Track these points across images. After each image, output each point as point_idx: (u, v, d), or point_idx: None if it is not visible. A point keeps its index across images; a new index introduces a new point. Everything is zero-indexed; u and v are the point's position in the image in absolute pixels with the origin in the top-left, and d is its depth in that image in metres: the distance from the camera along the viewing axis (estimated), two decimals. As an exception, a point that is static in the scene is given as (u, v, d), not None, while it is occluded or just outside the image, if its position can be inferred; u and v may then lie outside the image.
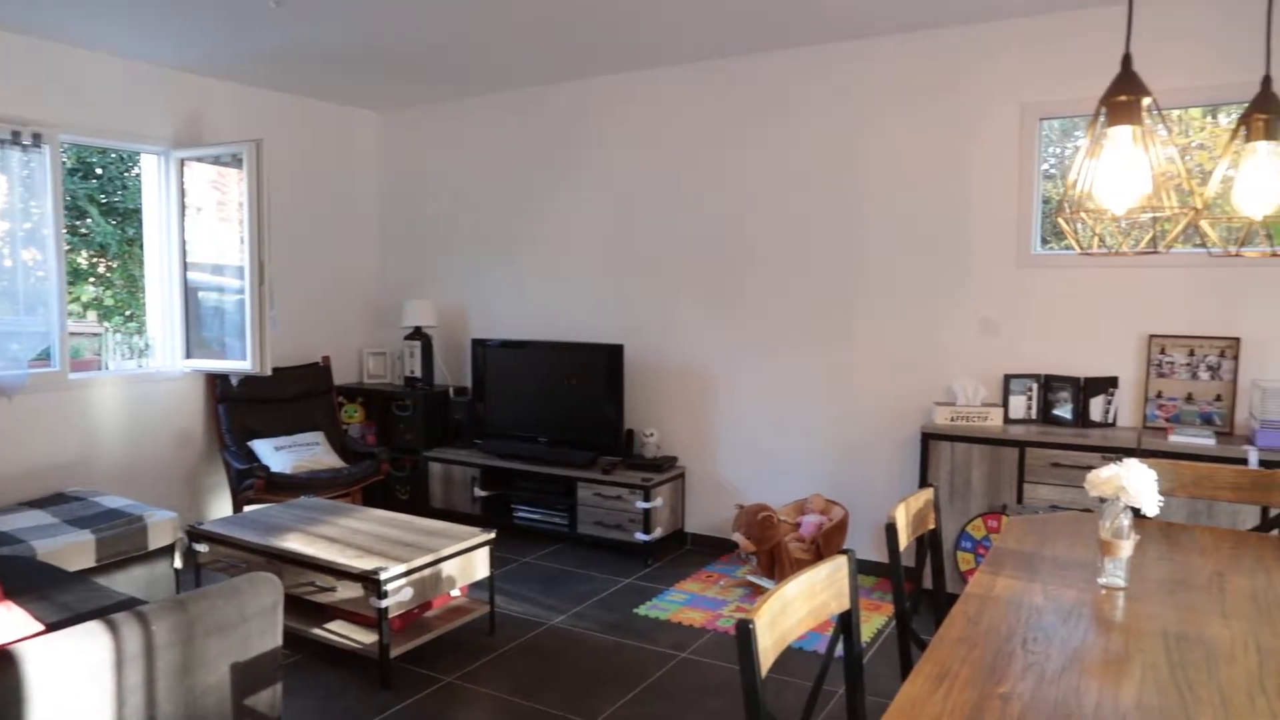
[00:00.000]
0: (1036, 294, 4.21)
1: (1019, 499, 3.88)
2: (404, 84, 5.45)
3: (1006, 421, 4.13)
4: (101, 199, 6.09)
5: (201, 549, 3.86)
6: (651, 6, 4.01)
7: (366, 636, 3.46)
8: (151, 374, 5.03)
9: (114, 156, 5.98)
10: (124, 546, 3.81)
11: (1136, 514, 2.09)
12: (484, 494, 5.32)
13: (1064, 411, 4.08)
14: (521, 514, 5.28)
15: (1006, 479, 3.90)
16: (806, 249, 4.73)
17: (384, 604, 3.26)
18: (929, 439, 4.06)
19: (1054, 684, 1.58)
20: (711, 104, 4.94)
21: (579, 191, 5.43)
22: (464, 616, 3.75)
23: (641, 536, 4.79)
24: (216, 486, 5.28)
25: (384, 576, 3.25)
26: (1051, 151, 4.32)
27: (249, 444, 5.05)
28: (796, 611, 1.65)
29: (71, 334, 5.05)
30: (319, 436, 5.36)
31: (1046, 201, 4.28)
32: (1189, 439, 3.67)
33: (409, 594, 3.37)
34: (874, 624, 4.00)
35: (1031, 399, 4.16)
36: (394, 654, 3.37)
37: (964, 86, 4.30)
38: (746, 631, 1.43)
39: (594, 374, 5.12)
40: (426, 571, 3.46)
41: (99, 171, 6.08)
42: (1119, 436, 3.83)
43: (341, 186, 6.05)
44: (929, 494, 2.44)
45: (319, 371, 5.67)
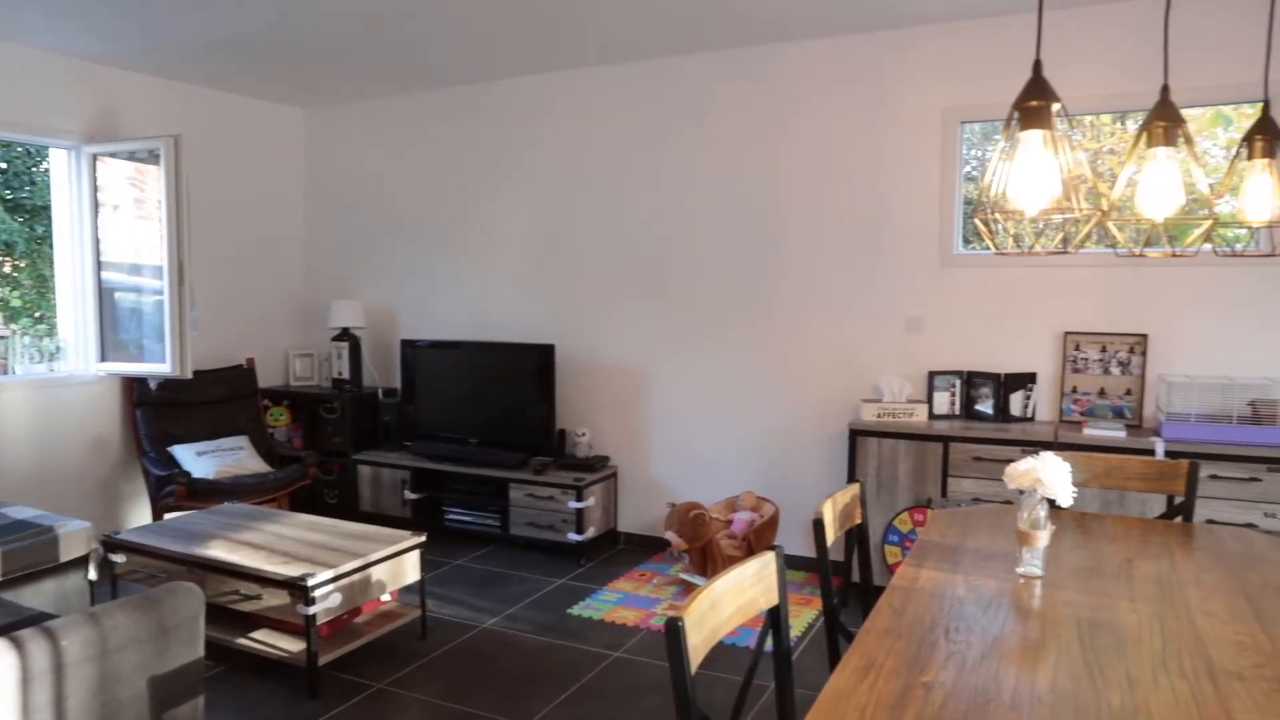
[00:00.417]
0: (959, 293, 4.33)
1: (943, 493, 3.98)
2: (330, 80, 5.34)
3: (931, 417, 4.23)
4: (7, 195, 5.83)
5: (118, 560, 3.73)
6: (581, 8, 4.01)
7: (293, 645, 3.39)
8: (63, 378, 4.84)
9: (20, 150, 5.74)
10: (33, 559, 3.65)
11: (1053, 505, 2.17)
12: (414, 497, 5.25)
13: (986, 407, 4.20)
14: (453, 516, 5.23)
15: (931, 473, 4.00)
16: (736, 249, 4.78)
17: (311, 611, 3.19)
18: (857, 435, 4.14)
19: (974, 671, 1.62)
20: (641, 104, 4.95)
21: (509, 191, 5.39)
22: (395, 621, 3.69)
23: (574, 536, 4.78)
24: (135, 494, 5.11)
25: (311, 583, 3.19)
26: (973, 154, 4.44)
27: (169, 449, 4.90)
28: (726, 608, 1.67)
29: (-25, 337, 4.83)
30: (243, 441, 5.22)
31: (968, 202, 4.39)
32: (1101, 432, 3.82)
33: (337, 600, 3.31)
34: (805, 618, 4.06)
35: (955, 395, 4.27)
36: (322, 662, 3.30)
37: (887, 90, 4.39)
38: (676, 629, 1.44)
39: (525, 374, 5.09)
40: (355, 577, 3.40)
41: (3, 166, 5.82)
42: (1037, 430, 3.95)
43: (266, 184, 5.90)
44: (855, 489, 2.48)
45: (243, 374, 5.53)
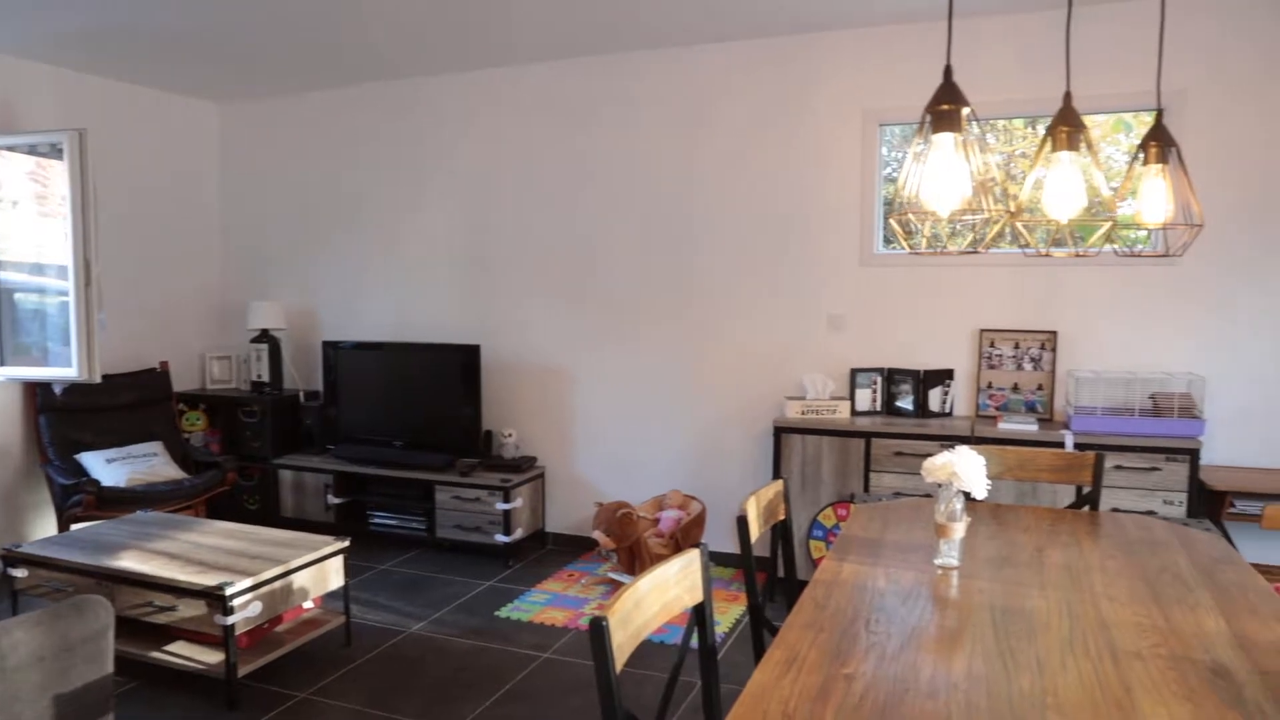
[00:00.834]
0: (879, 292, 4.43)
1: (866, 488, 4.06)
2: (245, 74, 5.20)
3: (854, 414, 4.32)
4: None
5: (19, 574, 3.57)
6: (502, 7, 3.98)
7: (211, 656, 3.29)
8: (-40, 384, 4.61)
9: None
10: (-70, 573, 3.48)
11: (969, 498, 2.23)
12: (338, 501, 5.15)
13: (906, 403, 4.30)
14: (378, 520, 5.14)
15: (854, 469, 4.08)
16: (661, 248, 4.80)
17: (230, 621, 3.11)
18: (781, 433, 4.20)
19: (894, 661, 1.66)
20: (564, 103, 4.94)
21: (432, 190, 5.32)
22: (318, 629, 3.61)
23: (502, 538, 4.75)
24: (39, 505, 4.89)
25: (229, 592, 3.10)
26: (894, 155, 4.54)
27: (76, 457, 4.71)
28: (650, 606, 1.67)
29: None
30: (157, 447, 5.05)
31: (888, 203, 4.49)
32: (1015, 426, 3.95)
33: (257, 609, 3.22)
34: (733, 614, 4.10)
35: (876, 392, 4.36)
36: (242, 673, 3.21)
37: (808, 92, 4.46)
38: (600, 629, 1.44)
39: (450, 375, 5.03)
40: (276, 584, 3.32)
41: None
42: (955, 425, 4.07)
43: (179, 180, 5.71)
44: (779, 486, 2.52)
45: (156, 377, 5.34)
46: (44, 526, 4.91)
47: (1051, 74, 4.03)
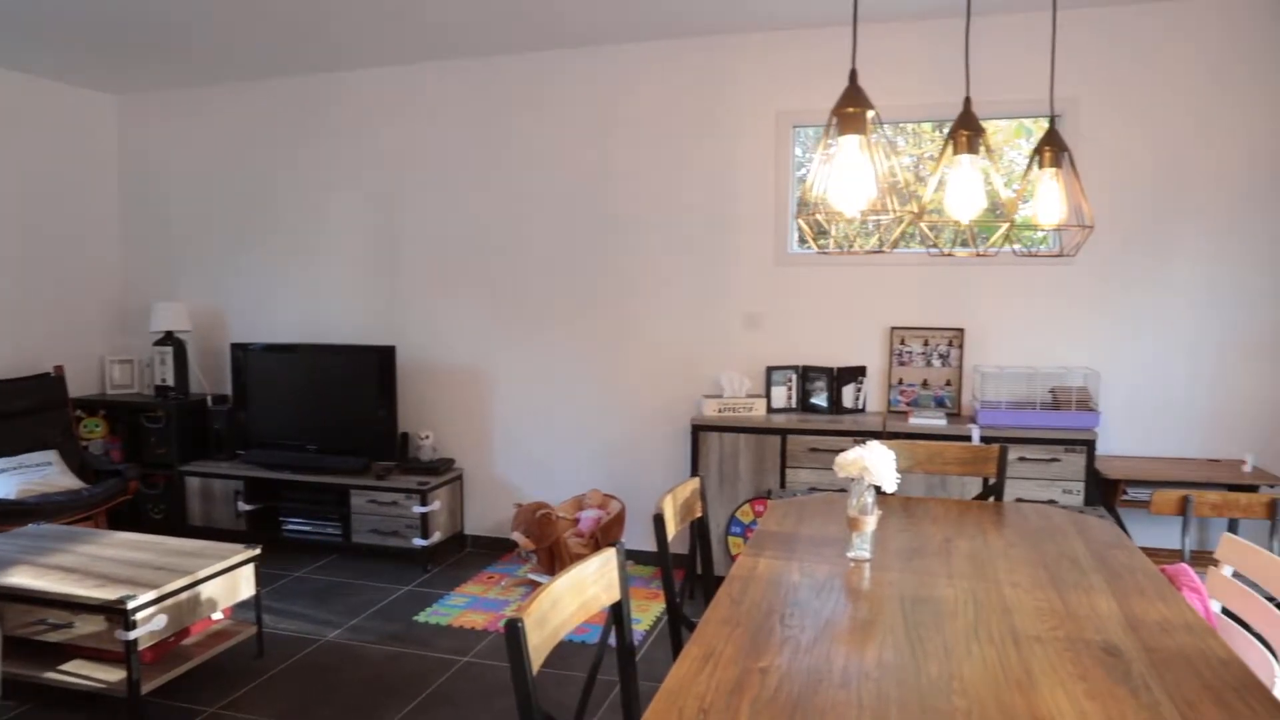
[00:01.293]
0: (793, 290, 4.51)
1: (782, 483, 4.13)
2: (145, 66, 5.00)
3: (770, 411, 4.38)
4: None
5: (-97, 591, 3.36)
6: (413, 2, 3.92)
7: (112, 674, 3.16)
8: None
9: None
10: None
11: (880, 491, 2.29)
12: (249, 508, 5.00)
13: (820, 400, 4.39)
14: (291, 526, 5.01)
15: (771, 465, 4.15)
16: (577, 248, 4.80)
17: (132, 636, 2.99)
18: (699, 430, 4.24)
19: (808, 653, 1.70)
20: (478, 101, 4.89)
21: (343, 187, 5.21)
22: (228, 640, 3.50)
23: (420, 542, 4.68)
24: (-77, 518, 4.63)
25: (131, 605, 2.98)
26: (808, 157, 4.63)
27: (-37, 468, 4.47)
28: (567, 606, 1.67)
29: None
30: (51, 456, 4.82)
31: (802, 204, 4.57)
32: (925, 421, 4.06)
33: (162, 622, 3.11)
34: (653, 612, 4.12)
35: (791, 389, 4.44)
36: (146, 690, 3.09)
37: (724, 93, 4.51)
38: (515, 631, 1.44)
39: (365, 377, 4.94)
40: (183, 596, 3.21)
41: None
42: (868, 421, 4.17)
43: (74, 176, 5.46)
44: (695, 484, 2.54)
45: (50, 383, 5.10)
46: (-72, 542, 4.64)
47: (957, 80, 4.16)
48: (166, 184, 5.63)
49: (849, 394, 4.37)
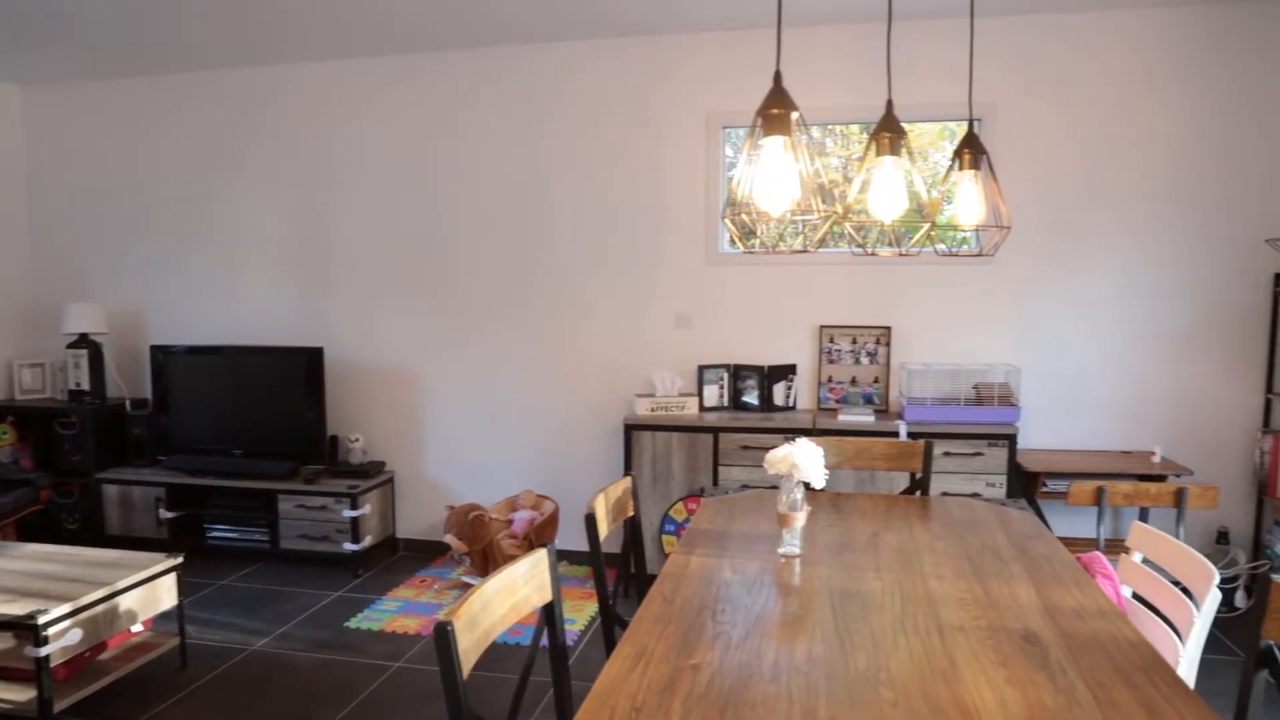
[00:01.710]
0: (724, 290, 4.55)
1: (715, 481, 4.17)
2: (52, 56, 4.81)
3: (702, 410, 4.42)
4: None
5: None
6: (341, -6, 3.86)
7: (22, 694, 3.03)
8: None
9: None
10: None
11: (809, 487, 2.32)
12: (171, 516, 4.85)
13: (752, 398, 4.44)
14: (216, 533, 4.87)
15: (703, 463, 4.18)
16: (509, 247, 4.77)
17: (44, 652, 2.87)
18: (631, 430, 4.25)
19: (739, 649, 1.71)
20: (405, 98, 4.82)
21: (270, 184, 5.09)
22: (148, 653, 3.39)
23: (350, 546, 4.60)
24: None
25: (42, 621, 2.87)
26: (738, 157, 4.67)
27: None
28: (498, 608, 1.66)
29: None
30: (-43, 465, 4.61)
31: (732, 204, 4.61)
32: (854, 417, 4.14)
33: (76, 637, 2.99)
34: (588, 612, 4.12)
35: (723, 387, 4.48)
36: (59, 708, 2.98)
37: (655, 93, 4.53)
38: (444, 634, 1.42)
39: (292, 379, 4.83)
40: (99, 608, 3.10)
41: None
42: (798, 418, 4.23)
43: (-23, 174, 5.23)
44: (627, 483, 2.55)
45: (-46, 389, 4.88)
46: None
47: (883, 83, 4.24)
48: (79, 180, 5.42)
49: (780, 392, 4.42)
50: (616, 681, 1.57)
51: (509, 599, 1.69)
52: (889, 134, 2.03)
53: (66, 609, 2.96)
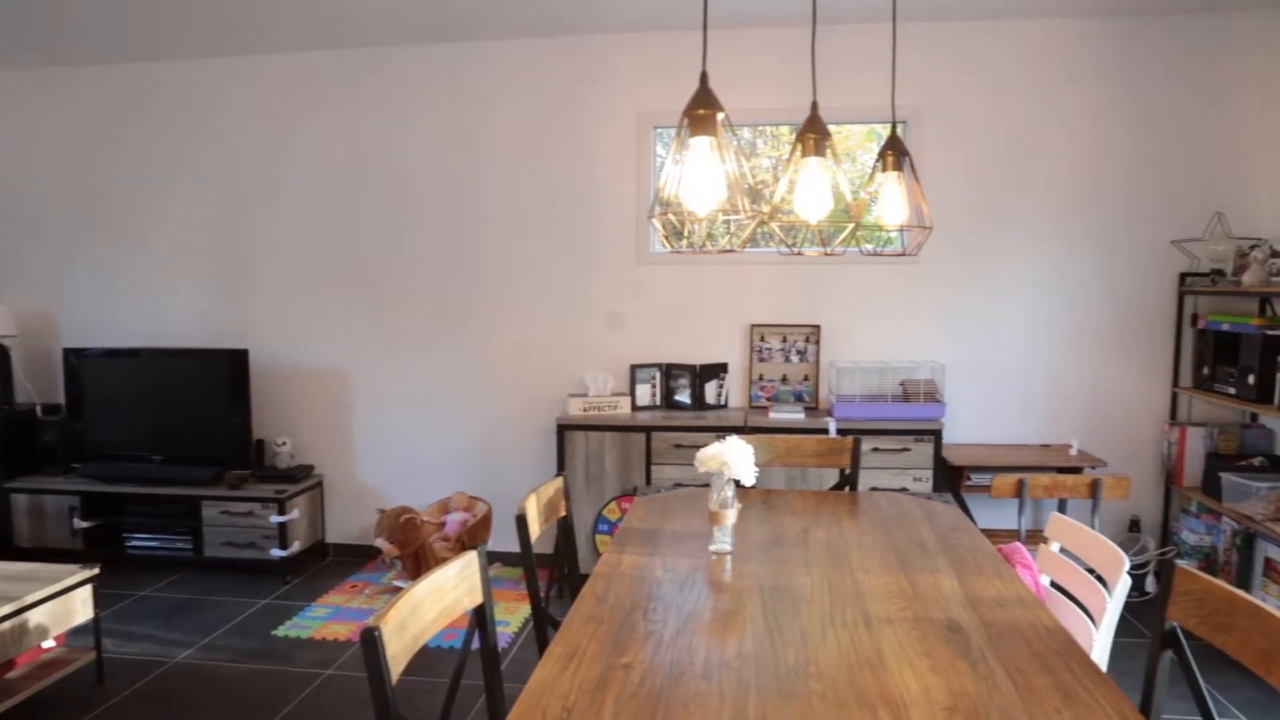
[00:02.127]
0: (656, 289, 4.56)
1: (648, 480, 4.18)
2: (-44, 51, 4.60)
3: (634, 409, 4.43)
4: None
5: None
6: (263, -12, 3.77)
7: (-73, 710, 2.90)
8: None
9: None
10: None
11: (740, 485, 2.34)
12: (86, 525, 4.68)
13: (684, 397, 4.46)
14: (136, 542, 4.72)
15: (636, 462, 4.19)
16: (440, 246, 4.71)
17: (-50, 668, 2.75)
18: (564, 429, 4.24)
19: (671, 647, 1.72)
20: (333, 95, 4.73)
21: (186, 182, 4.94)
22: (61, 670, 3.26)
23: (278, 552, 4.49)
24: None
25: (-52, 635, 2.74)
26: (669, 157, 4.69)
27: None
28: (428, 612, 1.64)
29: None
30: None
31: (663, 204, 4.63)
32: (784, 415, 4.19)
33: (-15, 652, 2.87)
34: (523, 613, 4.09)
35: (655, 387, 4.50)
36: (-33, 725, 2.85)
37: (586, 93, 4.53)
38: (372, 640, 1.40)
39: (216, 382, 4.70)
40: (6, 625, 2.97)
41: None
42: (730, 416, 4.26)
43: (-127, 170, 4.97)
44: (559, 483, 2.54)
45: None
46: None
47: (801, 85, 4.30)
48: (-15, 178, 5.19)
49: (711, 390, 4.46)
50: (548, 682, 1.57)
51: (439, 602, 1.68)
52: (814, 135, 2.06)
53: (-27, 624, 2.83)
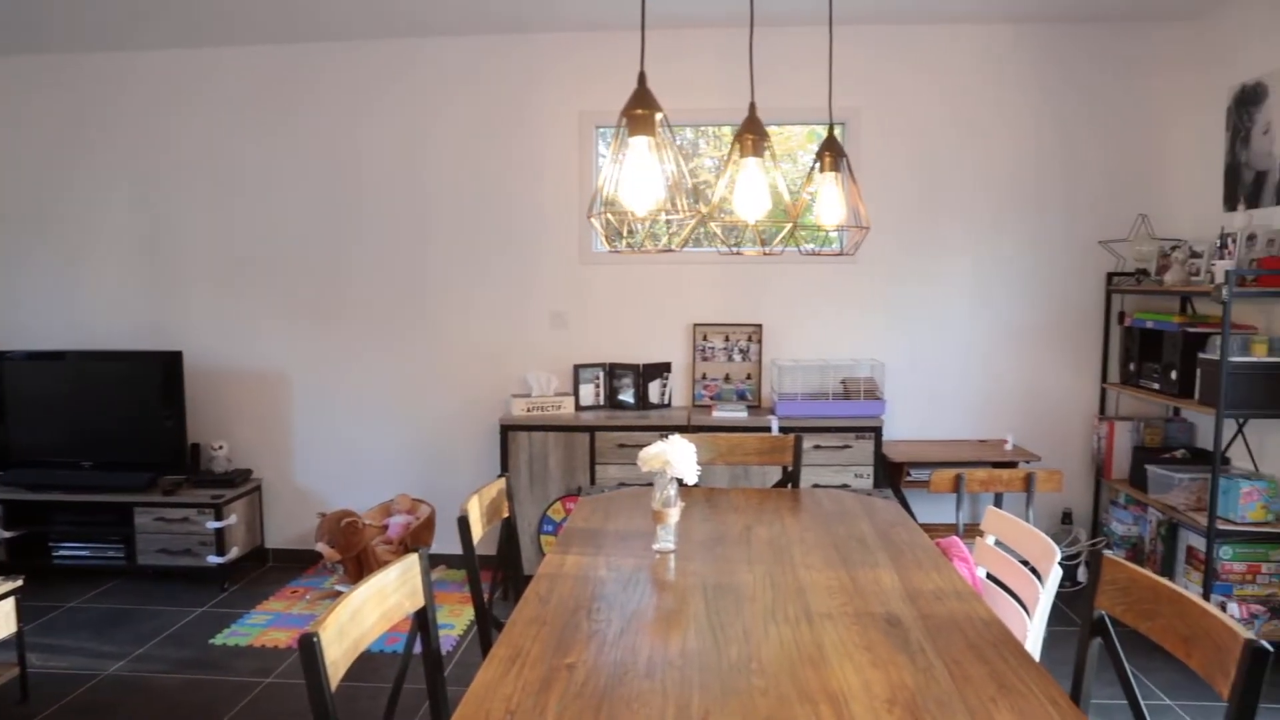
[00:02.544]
0: (599, 289, 4.56)
1: (592, 480, 4.18)
2: None
3: (578, 409, 4.42)
4: None
5: None
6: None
7: None
8: None
9: None
10: None
11: (683, 484, 2.36)
12: (9, 535, 4.51)
13: (628, 396, 4.47)
14: (64, 552, 4.57)
15: (580, 462, 4.18)
16: (381, 246, 4.65)
17: None
18: (508, 430, 4.21)
19: (615, 646, 1.72)
20: (272, 91, 4.64)
21: (117, 179, 4.78)
22: (-15, 683, 3.15)
23: (215, 559, 4.39)
24: None
25: None
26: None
27: None
28: (369, 616, 1.62)
29: None
30: None
31: (608, 204, 4.63)
32: (727, 414, 4.22)
33: (-98, 668, 2.75)
34: (468, 616, 4.06)
35: (599, 386, 4.50)
36: (-117, 745, 2.74)
37: (529, 91, 4.50)
38: (310, 646, 1.38)
39: (148, 385, 4.57)
40: (-73, 638, 2.86)
41: None
42: (673, 416, 4.28)
43: None
44: (502, 484, 2.53)
45: None
46: None
47: (741, 86, 4.34)
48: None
49: (655, 390, 4.47)
50: (491, 685, 1.56)
51: (379, 606, 1.66)
52: (752, 136, 2.08)
53: (-111, 640, 2.72)
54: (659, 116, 1.70)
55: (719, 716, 1.44)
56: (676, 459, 2.24)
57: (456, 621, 4.00)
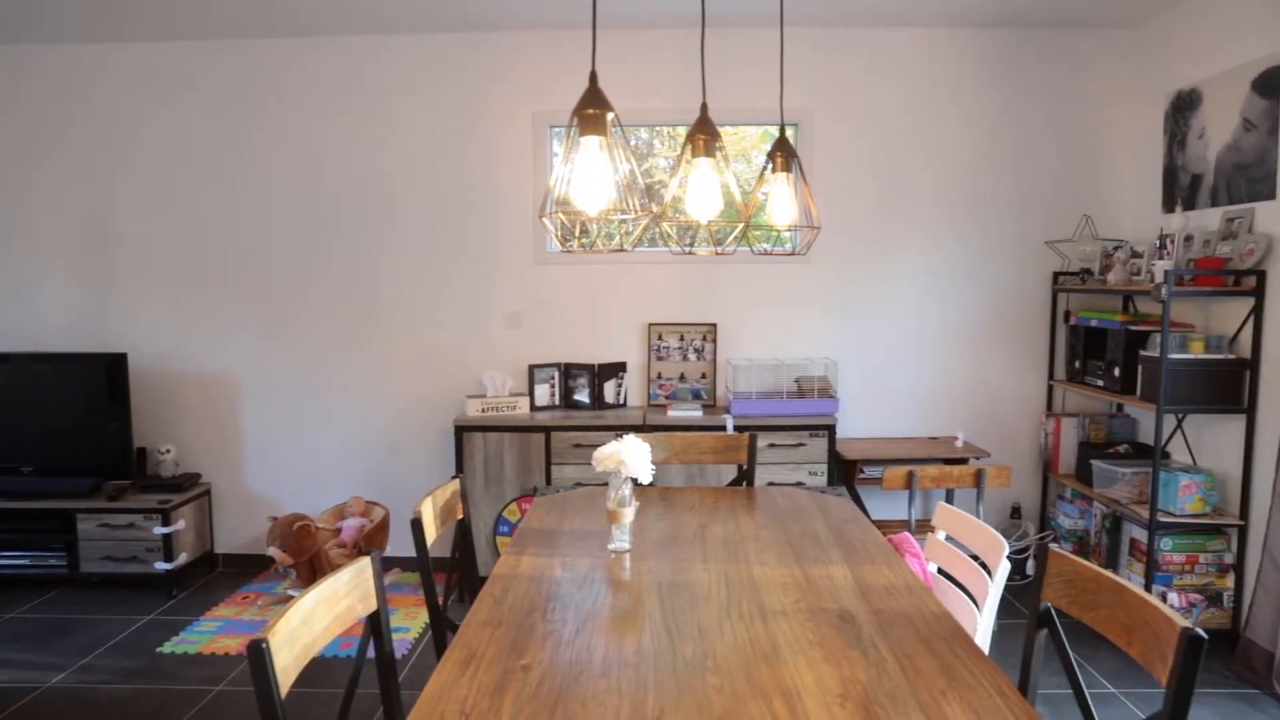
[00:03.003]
0: (553, 289, 4.55)
1: (548, 480, 4.17)
2: None
3: (533, 409, 4.41)
4: None
5: None
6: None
7: None
8: None
9: None
10: None
11: (638, 483, 2.36)
12: (-53, 544, 4.38)
13: (583, 396, 4.47)
14: (3, 561, 4.43)
15: (536, 463, 4.17)
16: (332, 245, 4.59)
17: None
18: (462, 431, 4.19)
19: (570, 646, 1.72)
20: (222, 87, 4.55)
21: (56, 177, 4.66)
22: (-80, 697, 3.06)
23: (162, 565, 4.30)
24: None
25: None
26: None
27: None
28: (320, 621, 1.60)
29: None
30: None
31: (562, 203, 4.62)
32: (683, 413, 4.24)
33: None
34: (423, 619, 4.03)
35: (554, 386, 4.49)
36: None
37: (484, 91, 4.48)
38: (259, 652, 1.36)
39: (92, 388, 4.46)
40: None
41: None
42: (629, 415, 4.29)
43: None
44: (456, 485, 2.51)
45: None
46: None
47: (694, 86, 4.36)
48: None
49: (610, 390, 4.47)
50: (445, 687, 1.55)
51: (331, 610, 1.64)
52: (704, 136, 2.10)
53: None
54: (610, 116, 1.70)
55: (674, 714, 1.45)
56: (631, 459, 2.24)
57: (411, 625, 3.96)
